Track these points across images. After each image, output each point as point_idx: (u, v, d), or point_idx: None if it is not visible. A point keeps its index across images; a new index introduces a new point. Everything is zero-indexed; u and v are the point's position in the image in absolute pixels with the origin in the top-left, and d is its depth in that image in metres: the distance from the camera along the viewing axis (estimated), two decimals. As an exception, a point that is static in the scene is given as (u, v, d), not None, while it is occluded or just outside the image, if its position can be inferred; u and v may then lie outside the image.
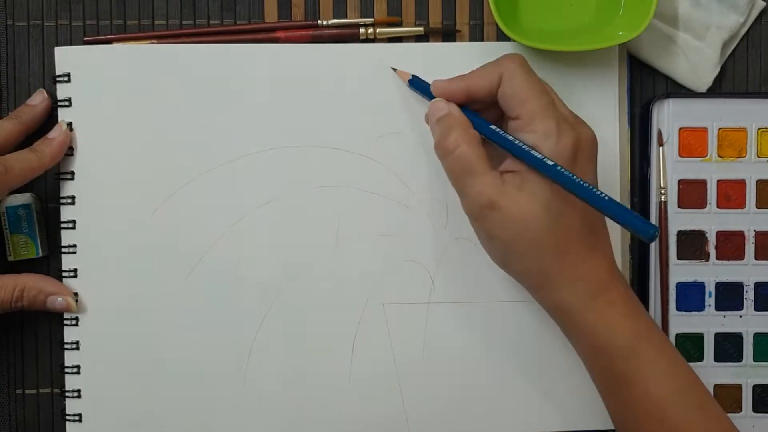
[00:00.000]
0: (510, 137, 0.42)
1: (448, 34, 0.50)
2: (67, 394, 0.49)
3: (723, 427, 0.41)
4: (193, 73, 0.48)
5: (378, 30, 0.49)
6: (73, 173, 0.48)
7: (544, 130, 0.41)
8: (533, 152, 0.40)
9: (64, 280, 0.49)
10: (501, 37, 0.50)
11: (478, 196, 0.41)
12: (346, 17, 0.50)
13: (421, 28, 0.50)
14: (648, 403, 0.40)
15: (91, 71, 0.48)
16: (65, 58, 0.48)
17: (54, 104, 0.49)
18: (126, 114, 0.48)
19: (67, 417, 0.49)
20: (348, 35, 0.49)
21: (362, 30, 0.49)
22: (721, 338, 0.50)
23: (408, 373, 0.49)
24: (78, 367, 0.49)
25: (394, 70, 0.48)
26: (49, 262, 0.49)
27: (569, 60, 0.49)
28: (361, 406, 0.49)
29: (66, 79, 0.48)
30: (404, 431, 0.49)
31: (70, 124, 0.48)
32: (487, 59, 0.48)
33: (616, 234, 0.49)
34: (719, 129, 0.49)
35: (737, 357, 0.50)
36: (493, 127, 0.43)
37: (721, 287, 0.50)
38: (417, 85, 0.47)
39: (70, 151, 0.48)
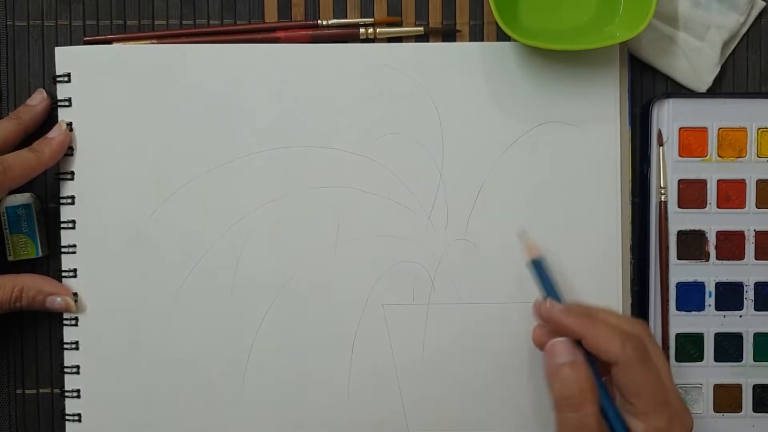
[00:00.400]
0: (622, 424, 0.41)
1: (448, 34, 0.50)
2: (66, 394, 0.49)
3: None
4: (194, 72, 0.48)
5: (378, 30, 0.49)
6: (73, 173, 0.49)
7: (654, 426, 0.40)
8: None
9: (63, 280, 0.49)
10: (501, 37, 0.50)
11: None
12: (346, 17, 0.50)
13: (421, 28, 0.50)
14: None
15: (91, 71, 0.48)
16: (65, 58, 0.49)
17: (54, 104, 0.49)
18: (126, 114, 0.48)
19: (67, 417, 0.49)
20: (348, 35, 0.50)
21: (362, 30, 0.49)
22: (721, 338, 0.50)
23: (407, 373, 0.49)
24: (77, 367, 0.49)
25: (523, 235, 0.46)
26: (49, 262, 0.49)
27: (569, 60, 0.49)
28: (361, 406, 0.49)
29: (66, 79, 0.48)
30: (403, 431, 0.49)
31: (70, 124, 0.48)
32: (487, 59, 0.49)
33: (617, 233, 0.49)
34: (719, 129, 0.49)
35: (737, 357, 0.50)
36: (611, 407, 0.41)
37: (721, 287, 0.50)
38: (538, 270, 0.44)
39: (70, 151, 0.48)
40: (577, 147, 0.49)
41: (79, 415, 0.49)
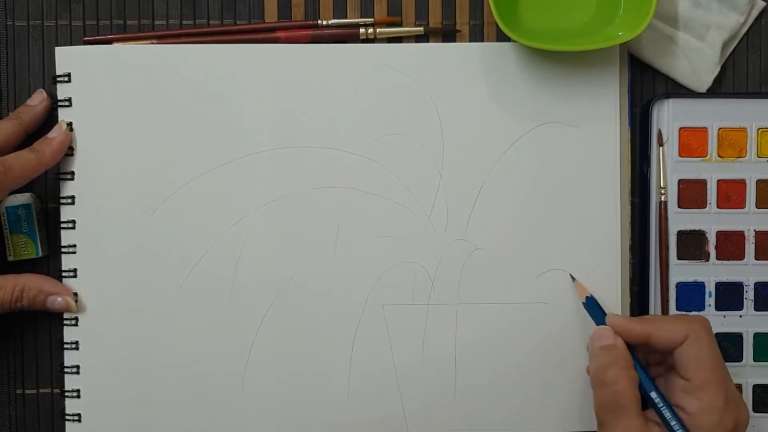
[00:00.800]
0: (666, 407, 0.42)
1: (448, 34, 0.50)
2: (66, 394, 0.49)
3: None
4: (194, 73, 0.48)
5: (378, 30, 0.49)
6: (73, 173, 0.49)
7: (711, 403, 0.41)
8: None
9: (63, 280, 0.49)
10: (501, 37, 0.50)
11: None
12: (346, 17, 0.50)
13: (421, 28, 0.50)
14: None
15: (91, 71, 0.48)
16: (66, 58, 0.48)
17: (54, 104, 0.49)
18: (126, 114, 0.48)
19: (67, 417, 0.49)
20: (348, 35, 0.49)
21: (362, 30, 0.49)
22: (721, 338, 0.49)
23: (407, 374, 0.49)
24: (77, 367, 0.49)
25: (573, 279, 0.48)
26: (49, 262, 0.49)
27: (569, 60, 0.49)
28: (361, 406, 0.49)
29: (66, 79, 0.48)
30: None
31: (70, 124, 0.48)
32: (487, 59, 0.49)
33: (617, 234, 0.49)
34: (719, 129, 0.49)
35: (737, 357, 0.50)
36: (654, 392, 0.43)
37: (721, 287, 0.50)
38: (591, 306, 0.47)
39: (70, 151, 0.48)
40: (577, 147, 0.49)
41: (79, 415, 0.49)
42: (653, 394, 0.43)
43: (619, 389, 0.42)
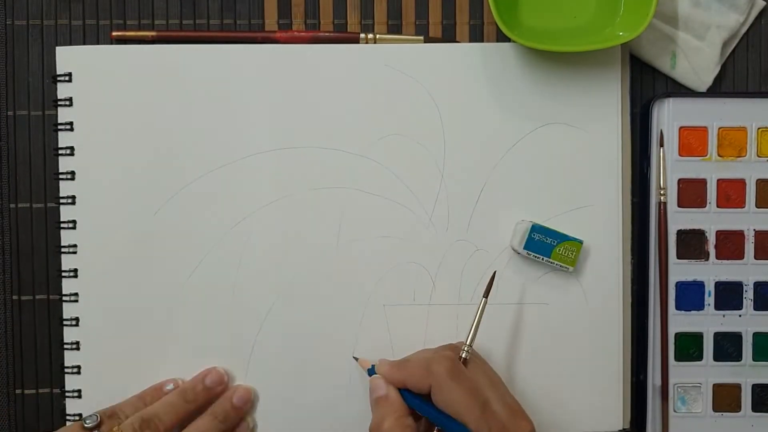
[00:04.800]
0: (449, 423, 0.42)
1: (449, 42, 0.50)
2: (67, 394, 0.49)
3: None
4: (194, 73, 0.48)
5: (378, 36, 0.49)
6: (73, 173, 0.48)
7: None
8: None
9: (64, 280, 0.48)
10: (501, 37, 0.50)
11: None
12: (346, 17, 0.50)
13: (421, 37, 0.50)
14: None
15: (92, 71, 0.48)
16: (66, 57, 0.48)
17: (54, 104, 0.48)
18: (127, 114, 0.48)
19: (68, 417, 0.49)
20: (348, 39, 0.49)
21: (362, 35, 0.49)
22: (720, 337, 0.50)
23: (409, 373, 0.49)
24: (78, 367, 0.49)
25: (356, 359, 0.48)
26: (49, 262, 0.49)
27: (569, 60, 0.49)
28: (362, 406, 0.49)
29: (67, 78, 0.48)
30: None
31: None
32: (487, 59, 0.49)
33: (617, 234, 0.49)
34: (719, 128, 0.49)
35: (736, 356, 0.50)
36: (432, 411, 0.43)
37: (720, 287, 0.50)
38: (371, 372, 0.46)
39: (70, 151, 0.48)
40: (578, 147, 0.49)
41: (79, 415, 0.49)
42: (433, 413, 0.42)
43: None
